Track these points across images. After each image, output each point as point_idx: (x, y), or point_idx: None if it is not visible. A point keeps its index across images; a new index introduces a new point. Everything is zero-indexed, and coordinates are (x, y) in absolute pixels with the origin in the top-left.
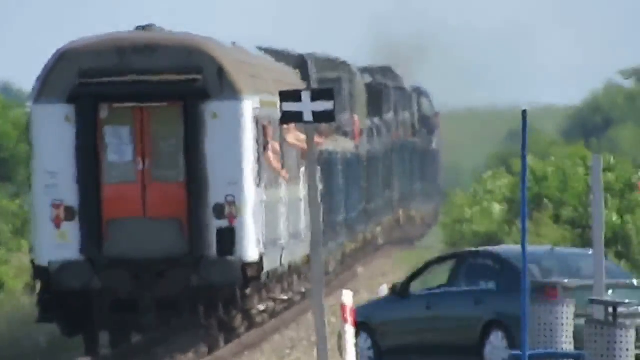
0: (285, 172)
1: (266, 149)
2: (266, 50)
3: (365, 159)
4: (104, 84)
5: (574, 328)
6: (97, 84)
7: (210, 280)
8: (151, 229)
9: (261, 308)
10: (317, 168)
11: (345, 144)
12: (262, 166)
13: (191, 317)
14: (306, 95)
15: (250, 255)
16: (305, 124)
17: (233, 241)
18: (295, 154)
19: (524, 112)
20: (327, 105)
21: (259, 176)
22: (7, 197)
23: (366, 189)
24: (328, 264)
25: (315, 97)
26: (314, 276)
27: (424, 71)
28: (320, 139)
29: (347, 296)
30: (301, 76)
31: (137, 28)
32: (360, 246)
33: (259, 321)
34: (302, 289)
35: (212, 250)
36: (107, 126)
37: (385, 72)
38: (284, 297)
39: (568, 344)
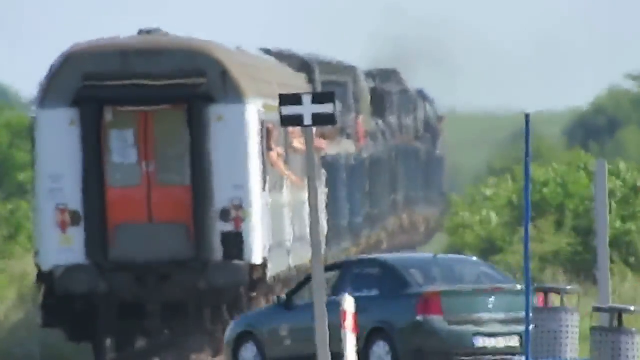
0: (291, 175)
1: (271, 152)
2: (271, 53)
3: (369, 162)
4: (108, 87)
5: (452, 332)
6: (102, 87)
7: (216, 284)
8: (156, 232)
9: None
10: (323, 172)
11: (349, 147)
12: (267, 169)
13: (197, 321)
14: (307, 98)
15: (256, 258)
16: (306, 128)
17: (239, 244)
18: (301, 157)
19: (527, 116)
20: (327, 108)
21: (264, 179)
22: None
23: (370, 193)
24: None
25: (316, 100)
26: (315, 282)
27: (428, 74)
28: (324, 142)
29: (348, 302)
30: (306, 79)
31: (141, 32)
32: (364, 251)
33: None
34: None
35: (218, 253)
36: (112, 130)
37: (389, 75)
38: None
39: (573, 352)
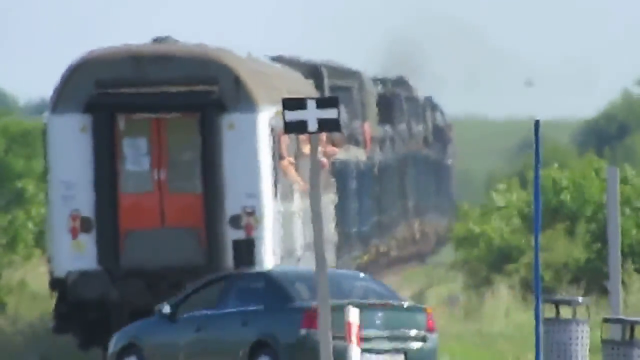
0: (301, 182)
1: (282, 159)
2: (279, 60)
3: (377, 168)
4: (120, 94)
5: (334, 348)
6: (114, 94)
7: None
8: (168, 239)
9: None
10: (333, 180)
11: (358, 153)
12: (278, 177)
13: None
14: (311, 103)
15: (268, 265)
16: (311, 134)
17: (251, 252)
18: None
19: (536, 123)
20: (332, 113)
21: (276, 187)
22: None
23: (379, 200)
24: None
25: (320, 105)
26: (320, 294)
27: (436, 80)
28: (334, 148)
29: (353, 314)
30: (315, 85)
31: (154, 40)
32: (373, 259)
33: None
34: None
35: (229, 261)
36: (124, 137)
37: (398, 82)
38: None
39: None
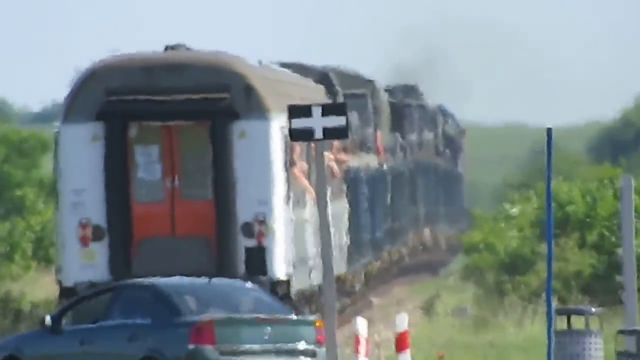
0: (313, 190)
1: (294, 167)
2: (289, 66)
3: (389, 176)
4: (132, 102)
5: None
6: (126, 102)
7: None
8: (180, 247)
9: None
10: (344, 187)
11: (369, 160)
12: (290, 185)
13: None
14: (317, 110)
15: (280, 274)
16: (316, 141)
17: (263, 260)
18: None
19: (548, 130)
20: (339, 120)
21: (288, 195)
22: None
23: (390, 207)
24: (353, 283)
25: (326, 112)
26: (326, 306)
27: (447, 88)
28: (346, 156)
29: (361, 325)
30: (327, 92)
31: (167, 48)
32: (386, 266)
33: None
34: None
35: (241, 269)
36: (136, 145)
37: (409, 91)
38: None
39: None
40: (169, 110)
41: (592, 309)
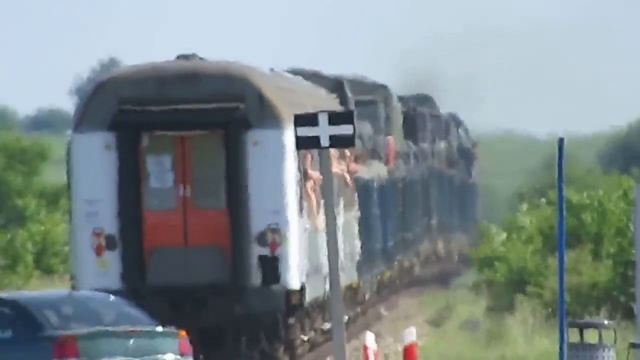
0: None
1: (307, 176)
2: (301, 73)
3: (401, 184)
4: (145, 112)
5: None
6: (138, 112)
7: (253, 309)
8: (193, 257)
9: (305, 338)
10: (356, 196)
11: (380, 168)
12: (303, 194)
13: (233, 347)
14: (323, 118)
15: (294, 283)
16: (322, 150)
17: (276, 269)
18: (337, 182)
19: (560, 140)
20: (346, 129)
21: (301, 204)
22: None
23: (402, 217)
24: (364, 293)
25: (333, 121)
26: (334, 318)
27: (460, 98)
28: (357, 165)
29: (369, 339)
30: (338, 99)
31: (179, 57)
32: (397, 275)
33: (300, 353)
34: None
35: (255, 278)
36: (148, 154)
37: (422, 100)
38: (325, 327)
39: None
40: (181, 120)
41: (605, 321)
